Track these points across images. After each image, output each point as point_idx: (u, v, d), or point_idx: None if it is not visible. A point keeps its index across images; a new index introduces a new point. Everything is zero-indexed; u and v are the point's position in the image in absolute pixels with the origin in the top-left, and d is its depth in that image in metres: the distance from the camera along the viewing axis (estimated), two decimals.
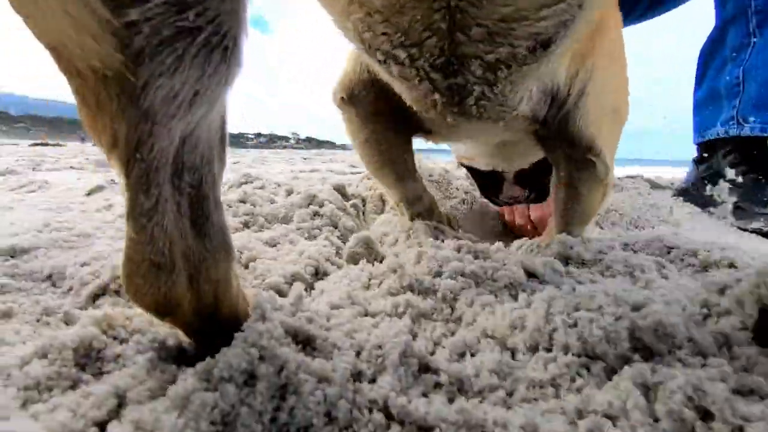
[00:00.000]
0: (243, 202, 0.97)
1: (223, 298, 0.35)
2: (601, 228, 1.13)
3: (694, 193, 1.72)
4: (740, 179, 1.54)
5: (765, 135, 1.51)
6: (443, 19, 0.35)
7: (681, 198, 1.73)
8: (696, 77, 1.75)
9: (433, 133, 0.62)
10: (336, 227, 0.87)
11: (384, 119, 0.61)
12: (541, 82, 0.45)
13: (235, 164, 3.72)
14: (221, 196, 0.36)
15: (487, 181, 0.95)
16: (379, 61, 0.41)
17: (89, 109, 0.27)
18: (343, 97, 0.60)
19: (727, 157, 1.63)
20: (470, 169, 0.96)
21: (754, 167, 1.55)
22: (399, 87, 0.46)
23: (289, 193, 1.07)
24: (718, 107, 1.63)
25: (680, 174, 1.92)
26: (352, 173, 2.21)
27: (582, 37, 0.41)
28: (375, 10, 0.36)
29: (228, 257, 0.36)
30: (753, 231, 1.37)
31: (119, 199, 1.20)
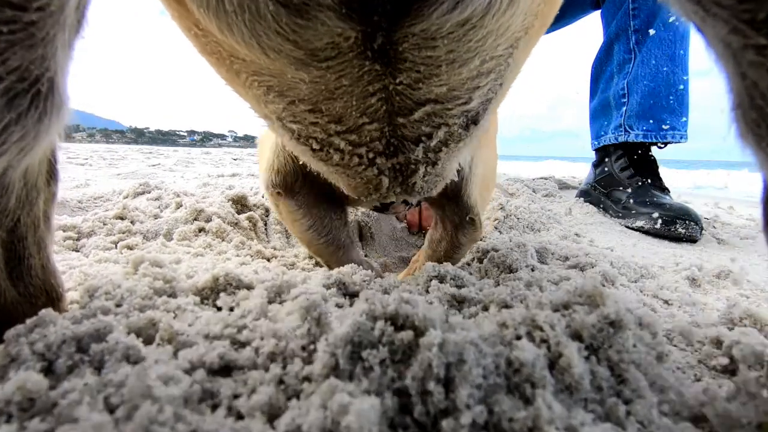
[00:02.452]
0: (121, 218, 0.89)
1: None
2: (500, 232, 1.19)
3: (593, 193, 1.87)
4: (628, 182, 1.71)
5: (646, 141, 1.68)
6: (380, 101, 0.34)
7: (582, 198, 1.88)
8: (590, 89, 1.91)
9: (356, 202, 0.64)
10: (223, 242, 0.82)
11: (323, 204, 0.60)
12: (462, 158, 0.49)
13: (154, 167, 3.47)
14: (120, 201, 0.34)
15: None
16: (314, 149, 0.39)
17: None
18: (279, 192, 0.56)
19: (618, 161, 1.80)
20: None
21: (639, 171, 1.72)
22: (334, 177, 0.44)
23: (179, 206, 1.00)
24: (609, 116, 1.79)
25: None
26: None
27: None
28: (299, 99, 0.34)
29: (50, 301, 0.34)
30: (636, 229, 1.51)
31: None
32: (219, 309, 0.35)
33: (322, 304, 0.26)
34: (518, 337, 0.23)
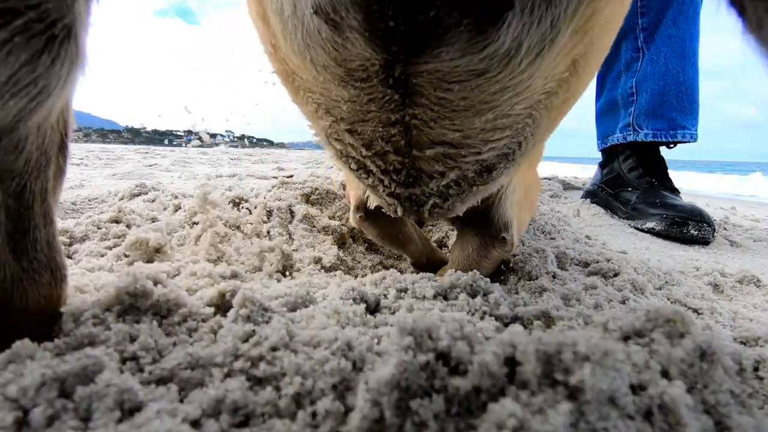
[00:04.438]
0: (117, 222, 0.84)
1: (42, 327, 0.30)
2: None
3: (600, 194, 1.83)
4: (636, 182, 1.67)
5: (656, 141, 1.64)
6: (400, 134, 0.36)
7: (588, 200, 1.85)
8: (596, 89, 1.87)
9: None
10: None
11: (391, 224, 0.70)
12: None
13: (151, 167, 3.42)
14: (115, 203, 0.32)
15: None
16: (352, 168, 0.42)
17: None
18: (361, 216, 0.67)
19: (626, 161, 1.76)
20: None
21: (648, 171, 1.69)
22: (370, 192, 0.49)
23: (177, 209, 0.95)
24: (617, 115, 1.75)
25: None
26: (274, 176, 2.10)
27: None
28: (340, 117, 0.37)
29: (53, 280, 0.31)
30: (647, 231, 1.47)
31: None
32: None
33: (354, 336, 0.22)
34: None
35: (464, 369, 0.18)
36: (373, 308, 0.40)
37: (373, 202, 0.62)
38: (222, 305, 0.34)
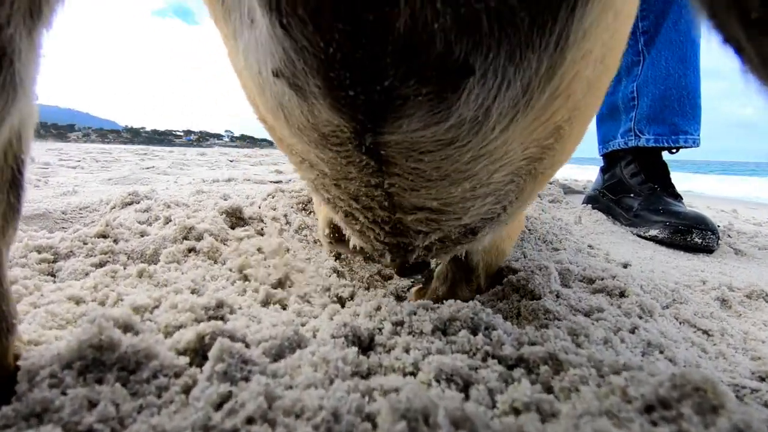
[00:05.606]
0: (104, 236, 0.81)
1: None
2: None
3: (601, 200, 1.81)
4: (638, 188, 1.64)
5: (658, 146, 1.62)
6: (382, 195, 0.35)
7: (590, 205, 1.82)
8: None
9: None
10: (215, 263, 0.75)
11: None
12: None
13: (148, 170, 3.39)
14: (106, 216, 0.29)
15: None
16: (341, 216, 0.42)
17: None
18: (329, 233, 0.67)
19: (627, 167, 1.73)
20: None
21: (650, 176, 1.66)
22: (356, 238, 0.48)
23: (167, 222, 0.92)
24: (618, 120, 1.73)
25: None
26: (271, 181, 2.07)
27: None
28: (324, 173, 0.36)
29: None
30: (650, 238, 1.45)
31: None
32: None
33: (341, 397, 0.19)
34: None
35: None
36: (367, 345, 0.37)
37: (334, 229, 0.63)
38: (200, 349, 0.31)
